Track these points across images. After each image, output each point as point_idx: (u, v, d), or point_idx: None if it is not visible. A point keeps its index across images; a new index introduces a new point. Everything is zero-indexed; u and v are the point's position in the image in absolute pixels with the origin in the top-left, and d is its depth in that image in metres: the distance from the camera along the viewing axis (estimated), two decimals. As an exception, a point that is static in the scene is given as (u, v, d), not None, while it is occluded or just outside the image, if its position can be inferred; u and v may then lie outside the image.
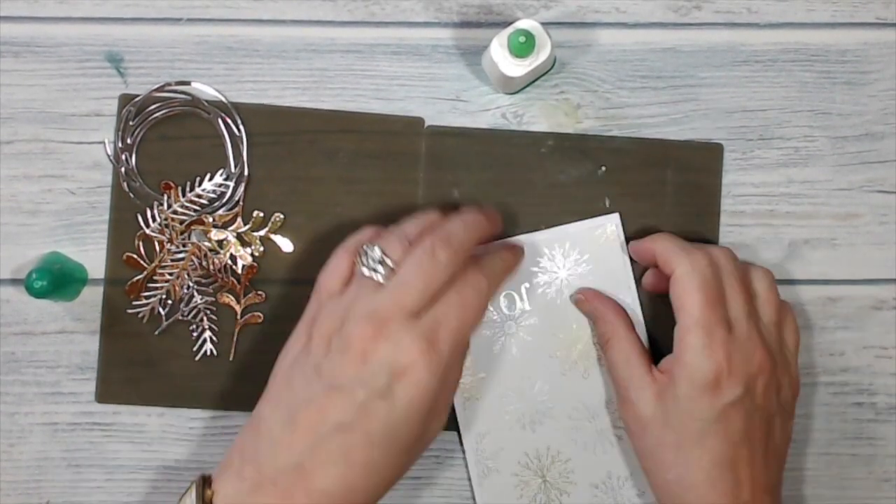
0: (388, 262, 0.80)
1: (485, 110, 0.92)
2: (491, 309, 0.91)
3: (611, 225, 0.91)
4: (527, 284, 0.91)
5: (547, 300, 0.91)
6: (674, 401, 0.84)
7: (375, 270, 0.80)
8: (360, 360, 0.78)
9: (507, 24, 0.88)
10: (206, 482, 0.79)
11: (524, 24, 0.86)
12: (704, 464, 0.83)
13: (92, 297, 0.91)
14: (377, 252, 0.80)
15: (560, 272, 0.91)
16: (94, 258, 0.91)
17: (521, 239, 0.91)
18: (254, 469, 0.78)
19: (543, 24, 0.87)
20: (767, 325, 0.85)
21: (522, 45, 0.85)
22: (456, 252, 0.81)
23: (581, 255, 0.91)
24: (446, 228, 0.82)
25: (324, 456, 0.77)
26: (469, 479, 0.91)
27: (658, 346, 0.90)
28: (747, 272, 0.87)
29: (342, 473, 0.77)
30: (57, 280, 0.85)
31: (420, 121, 0.92)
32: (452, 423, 0.91)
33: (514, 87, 0.91)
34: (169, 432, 0.91)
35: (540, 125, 0.92)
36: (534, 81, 0.92)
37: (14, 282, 0.91)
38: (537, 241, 0.91)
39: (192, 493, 0.78)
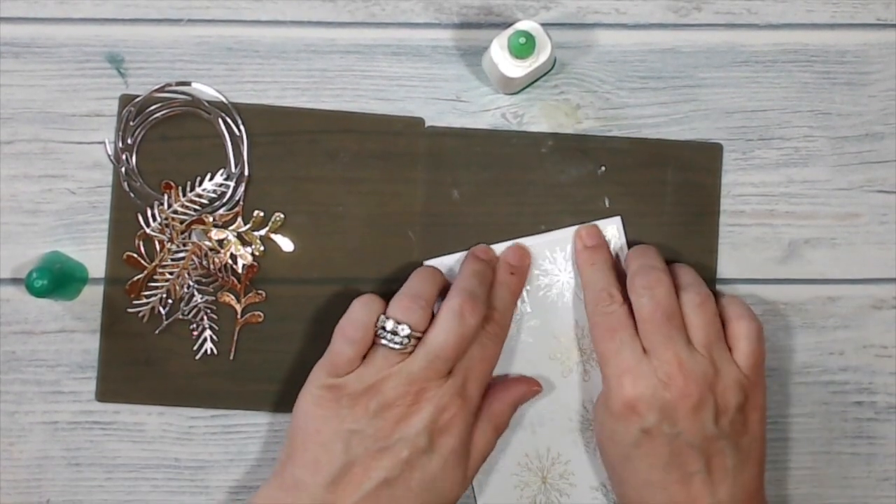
0: (417, 334, 0.84)
1: (485, 111, 0.92)
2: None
3: (612, 228, 0.91)
4: (528, 287, 0.91)
5: (548, 303, 0.91)
6: (601, 425, 0.87)
7: (403, 344, 0.84)
8: (403, 423, 0.83)
9: (507, 25, 0.88)
10: None
11: (524, 25, 0.86)
12: (635, 483, 0.85)
13: (92, 297, 0.91)
14: (406, 329, 0.84)
15: (561, 275, 0.91)
16: (94, 257, 0.91)
17: (523, 242, 0.91)
18: None
19: (543, 25, 0.87)
20: (699, 348, 0.84)
21: (522, 46, 0.85)
22: (481, 311, 0.85)
23: (574, 261, 0.91)
24: (467, 287, 0.86)
25: None
26: (469, 479, 0.91)
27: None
28: (682, 295, 0.86)
29: None
30: (57, 279, 0.85)
31: (420, 121, 0.92)
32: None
33: (514, 87, 0.91)
34: (169, 431, 0.91)
35: (540, 126, 0.92)
36: (534, 82, 0.92)
37: (14, 281, 0.91)
38: (539, 244, 0.91)
39: None
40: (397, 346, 0.83)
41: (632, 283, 0.86)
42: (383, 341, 0.84)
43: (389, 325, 0.84)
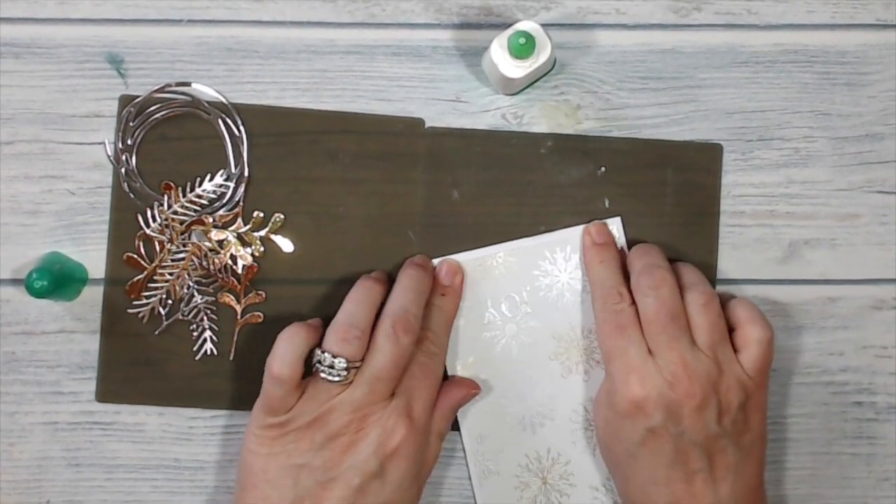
0: (355, 364, 0.84)
1: (485, 111, 0.92)
2: (492, 311, 0.91)
3: (612, 228, 0.91)
4: (528, 287, 0.91)
5: (548, 303, 0.91)
6: (605, 423, 0.87)
7: (342, 376, 0.83)
8: (351, 451, 0.83)
9: (507, 25, 0.88)
10: None
11: (524, 25, 0.86)
12: (638, 481, 0.85)
13: (92, 297, 0.91)
14: (343, 362, 0.83)
15: (561, 276, 0.91)
16: (94, 258, 0.91)
17: (523, 243, 0.91)
18: None
19: (543, 25, 0.87)
20: (703, 348, 0.85)
21: (522, 47, 0.85)
22: (415, 329, 0.85)
23: (582, 258, 0.91)
24: (398, 306, 0.86)
25: None
26: (469, 479, 0.91)
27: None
28: (686, 295, 0.86)
29: None
30: (57, 280, 0.85)
31: (420, 121, 0.92)
32: (453, 423, 0.91)
33: (514, 88, 0.91)
34: (169, 432, 0.91)
35: (540, 126, 0.92)
36: (534, 83, 0.92)
37: (14, 282, 0.91)
38: (539, 245, 0.91)
39: None
40: (337, 379, 0.83)
41: (637, 283, 0.86)
42: (322, 375, 0.83)
43: (327, 359, 0.83)
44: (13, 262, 0.91)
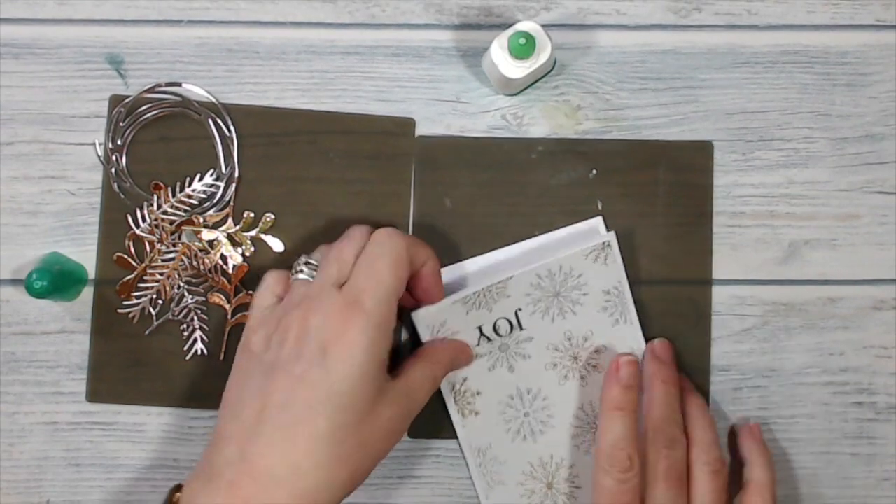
0: (313, 261, 0.83)
1: (485, 112, 0.92)
2: (485, 337, 0.90)
3: (606, 242, 0.90)
4: (519, 308, 0.90)
5: (542, 321, 0.90)
6: None
7: (302, 271, 0.83)
8: (297, 341, 0.79)
9: (507, 25, 0.88)
10: (178, 489, 0.79)
11: (524, 25, 0.86)
12: None
13: (92, 298, 0.91)
14: (302, 258, 0.83)
15: (556, 286, 0.90)
16: (93, 258, 0.91)
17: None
18: (206, 467, 0.79)
19: (543, 25, 0.87)
20: None
21: (522, 47, 0.85)
22: (366, 227, 0.84)
23: (577, 275, 0.90)
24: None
25: (266, 438, 0.77)
26: (470, 479, 0.91)
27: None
28: (698, 456, 0.87)
29: (285, 452, 0.77)
30: (57, 280, 0.85)
31: (411, 121, 0.92)
32: (452, 434, 0.91)
33: (514, 88, 0.91)
34: (169, 432, 0.91)
35: (540, 127, 0.92)
36: (534, 83, 0.92)
37: (14, 282, 0.91)
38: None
39: (164, 498, 0.80)
40: (297, 274, 0.83)
41: (653, 436, 0.86)
42: (292, 277, 0.84)
43: (294, 266, 0.84)
44: (13, 262, 0.91)
